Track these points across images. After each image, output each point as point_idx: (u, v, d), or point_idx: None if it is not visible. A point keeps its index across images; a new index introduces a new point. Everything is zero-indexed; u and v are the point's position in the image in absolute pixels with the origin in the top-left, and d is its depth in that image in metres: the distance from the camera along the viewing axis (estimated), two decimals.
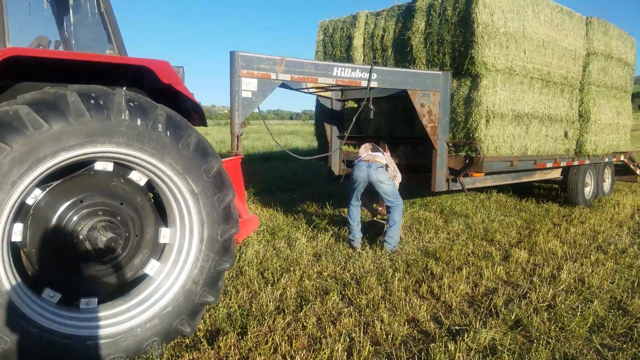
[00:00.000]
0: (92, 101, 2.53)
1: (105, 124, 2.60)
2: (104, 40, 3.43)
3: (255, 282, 4.16)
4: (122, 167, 2.92)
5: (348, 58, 6.77)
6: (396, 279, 4.29)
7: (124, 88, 3.25)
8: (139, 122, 2.73)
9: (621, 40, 8.25)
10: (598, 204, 8.13)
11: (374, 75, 5.02)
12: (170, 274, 3.08)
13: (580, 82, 7.10)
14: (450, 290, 4.04)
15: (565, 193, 8.08)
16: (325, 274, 4.51)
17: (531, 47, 5.96)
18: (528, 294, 3.96)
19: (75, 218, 2.71)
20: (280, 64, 4.46)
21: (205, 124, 3.61)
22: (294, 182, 10.51)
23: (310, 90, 6.06)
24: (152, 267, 3.09)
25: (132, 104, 2.72)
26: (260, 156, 16.19)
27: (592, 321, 3.46)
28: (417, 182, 6.07)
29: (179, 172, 2.92)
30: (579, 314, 3.55)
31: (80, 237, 2.68)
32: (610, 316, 3.57)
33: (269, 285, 4.12)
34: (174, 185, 2.96)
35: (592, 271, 4.54)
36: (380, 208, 6.48)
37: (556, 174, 8.05)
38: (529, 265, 4.76)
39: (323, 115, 6.86)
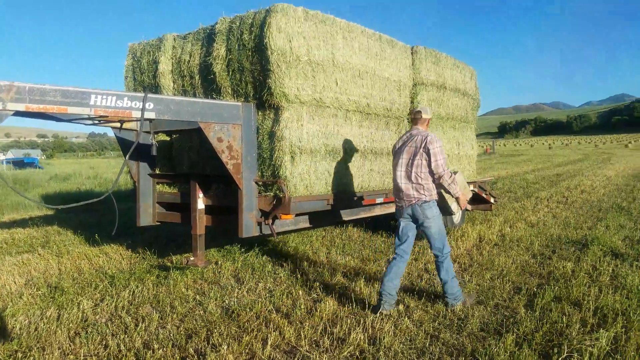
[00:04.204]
0: None
1: None
2: None
3: None
4: None
5: (156, 85, 5.96)
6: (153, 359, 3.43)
7: None
8: None
9: (457, 70, 8.29)
10: None
11: (151, 105, 4.23)
12: None
13: (409, 114, 6.93)
14: None
15: None
16: (70, 357, 3.52)
17: (345, 78, 5.58)
18: None
19: None
20: (9, 91, 3.51)
21: None
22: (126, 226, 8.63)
23: (95, 122, 5.09)
24: None
25: None
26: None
27: None
28: (227, 225, 5.31)
29: None
30: None
31: None
32: None
33: None
34: None
35: (392, 327, 4.05)
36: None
37: None
38: (328, 323, 4.15)
39: (126, 151, 5.90)
